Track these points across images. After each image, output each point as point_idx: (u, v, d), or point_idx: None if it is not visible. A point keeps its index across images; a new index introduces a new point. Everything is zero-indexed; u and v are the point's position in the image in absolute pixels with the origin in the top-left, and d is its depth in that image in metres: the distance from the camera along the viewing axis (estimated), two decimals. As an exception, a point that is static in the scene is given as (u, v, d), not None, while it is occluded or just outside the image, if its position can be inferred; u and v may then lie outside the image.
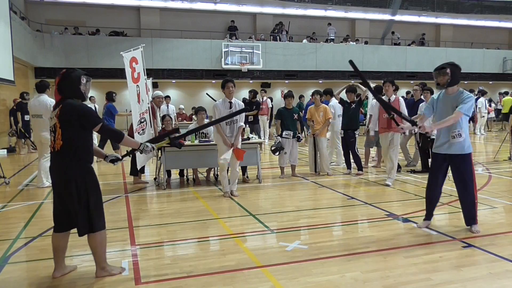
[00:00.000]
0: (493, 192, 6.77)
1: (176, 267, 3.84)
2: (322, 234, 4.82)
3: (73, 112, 3.42)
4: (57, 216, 3.60)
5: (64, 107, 3.44)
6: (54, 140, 3.47)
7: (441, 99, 4.66)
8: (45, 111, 7.37)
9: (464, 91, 4.55)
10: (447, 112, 4.52)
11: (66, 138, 3.41)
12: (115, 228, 5.10)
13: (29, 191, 7.49)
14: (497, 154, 10.77)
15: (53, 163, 3.55)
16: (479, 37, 29.07)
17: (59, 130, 3.41)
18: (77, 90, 3.54)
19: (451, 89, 4.56)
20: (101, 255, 3.62)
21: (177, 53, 21.49)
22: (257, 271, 3.72)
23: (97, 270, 3.64)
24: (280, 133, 8.24)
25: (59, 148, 3.43)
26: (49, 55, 19.85)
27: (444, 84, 4.55)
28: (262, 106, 14.69)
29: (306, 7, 23.72)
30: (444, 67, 4.53)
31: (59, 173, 3.49)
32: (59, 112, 3.44)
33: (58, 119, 3.43)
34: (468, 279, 3.48)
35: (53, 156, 3.52)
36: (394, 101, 7.54)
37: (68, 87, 3.51)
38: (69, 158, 3.44)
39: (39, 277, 3.71)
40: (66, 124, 3.41)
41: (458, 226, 4.95)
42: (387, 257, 4.00)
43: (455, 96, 4.53)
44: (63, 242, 3.65)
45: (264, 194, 7.12)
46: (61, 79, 3.52)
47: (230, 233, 4.82)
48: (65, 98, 3.50)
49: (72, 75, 3.53)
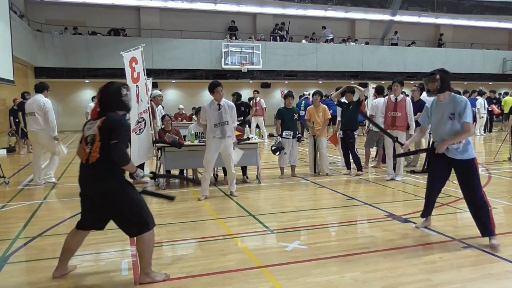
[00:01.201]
0: (493, 192, 6.77)
1: (175, 268, 3.83)
2: (322, 234, 4.82)
3: (112, 125, 3.37)
4: (84, 216, 3.60)
5: (107, 119, 3.39)
6: (90, 151, 3.37)
7: (434, 107, 4.59)
8: (37, 109, 7.67)
9: (456, 96, 4.47)
10: (443, 119, 4.45)
11: (104, 152, 3.33)
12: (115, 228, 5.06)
13: (29, 191, 7.48)
14: (497, 155, 10.77)
15: (85, 175, 3.45)
16: (479, 37, 29.09)
17: (98, 143, 3.34)
18: (119, 102, 3.53)
19: (443, 96, 4.48)
20: (148, 259, 3.50)
21: (177, 53, 21.50)
22: (257, 271, 3.72)
23: (141, 276, 3.51)
24: (280, 133, 8.24)
25: (95, 161, 3.34)
26: (49, 55, 19.87)
27: (434, 91, 4.47)
28: (256, 108, 14.62)
29: (306, 7, 23.73)
30: (434, 73, 4.47)
31: (93, 186, 3.41)
32: (101, 124, 3.37)
33: (99, 131, 3.35)
34: (468, 280, 3.48)
35: (86, 168, 3.43)
36: (401, 101, 7.69)
37: (110, 100, 3.49)
38: (105, 173, 3.37)
39: (38, 277, 3.70)
40: (107, 138, 3.33)
41: (457, 227, 4.96)
42: (387, 258, 4.00)
43: (448, 102, 4.46)
44: (77, 242, 3.64)
45: (264, 195, 7.12)
46: (102, 94, 3.50)
47: (229, 233, 4.82)
48: (107, 111, 3.46)
49: (111, 88, 3.52)
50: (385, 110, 7.88)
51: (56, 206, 6.42)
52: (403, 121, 7.68)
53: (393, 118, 7.71)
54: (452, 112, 4.39)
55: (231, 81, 22.50)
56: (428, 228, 4.88)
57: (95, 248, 4.44)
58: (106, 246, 4.48)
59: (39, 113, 7.65)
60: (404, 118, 7.70)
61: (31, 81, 19.45)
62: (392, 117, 7.72)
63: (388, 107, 7.80)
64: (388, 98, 7.96)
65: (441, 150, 4.44)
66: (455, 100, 4.42)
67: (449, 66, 25.72)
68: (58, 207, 6.33)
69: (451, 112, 4.40)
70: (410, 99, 8.01)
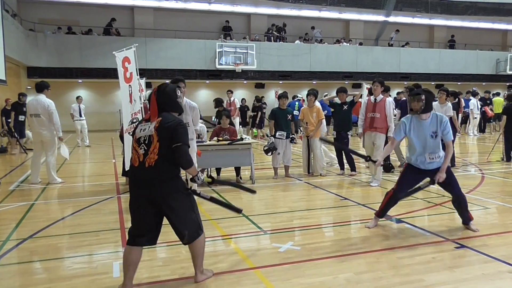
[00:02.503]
0: (485, 193, 6.80)
1: (167, 269, 3.81)
2: (315, 235, 4.81)
3: (171, 126, 3.26)
4: (136, 230, 3.36)
5: (164, 120, 3.30)
6: (145, 153, 3.24)
7: (415, 125, 4.71)
8: (42, 111, 7.80)
9: (437, 115, 4.69)
10: (424, 136, 4.64)
11: (162, 153, 3.22)
12: (107, 230, 5.06)
13: (21, 192, 7.41)
14: (490, 155, 10.82)
15: (140, 179, 3.28)
16: (473, 38, 29.26)
17: (156, 144, 3.23)
18: (175, 103, 3.49)
19: (425, 115, 4.65)
20: (202, 258, 3.55)
21: (171, 53, 21.41)
22: (250, 273, 3.70)
23: (198, 275, 3.53)
24: (274, 133, 8.22)
25: (153, 163, 3.21)
26: (42, 55, 19.70)
27: (418, 110, 4.62)
28: (231, 108, 14.66)
29: (300, 7, 23.72)
30: (419, 94, 4.59)
31: (151, 191, 3.25)
32: (158, 125, 3.27)
33: (156, 132, 3.25)
34: (461, 280, 3.48)
35: (141, 171, 3.26)
36: (380, 102, 7.49)
37: (166, 101, 3.43)
38: (164, 176, 3.25)
39: (29, 280, 3.66)
40: (165, 139, 3.23)
41: (451, 227, 4.96)
42: (380, 258, 3.99)
43: (431, 121, 4.65)
44: (136, 256, 3.36)
45: (257, 195, 7.05)
46: (158, 95, 3.41)
47: (223, 234, 4.80)
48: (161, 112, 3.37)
49: (168, 90, 3.46)
50: (364, 111, 7.69)
51: (47, 207, 6.35)
52: (382, 122, 7.43)
53: (371, 119, 7.49)
54: (434, 131, 4.63)
55: (225, 81, 22.48)
56: (422, 228, 4.88)
57: (87, 250, 4.41)
58: (98, 248, 4.44)
59: (44, 114, 7.80)
60: (383, 120, 7.45)
61: (24, 80, 19.31)
62: (371, 118, 7.50)
63: (367, 108, 7.59)
64: (368, 98, 7.81)
65: (442, 180, 4.65)
66: (437, 119, 4.65)
67: (442, 66, 25.97)
68: (49, 208, 6.26)
69: (433, 130, 4.63)
70: (390, 100, 7.75)
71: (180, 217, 3.34)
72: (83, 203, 6.43)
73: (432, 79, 26.07)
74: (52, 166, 8.01)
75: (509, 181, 8.00)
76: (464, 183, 7.70)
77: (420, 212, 5.69)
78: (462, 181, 7.84)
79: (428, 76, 25.85)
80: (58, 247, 4.50)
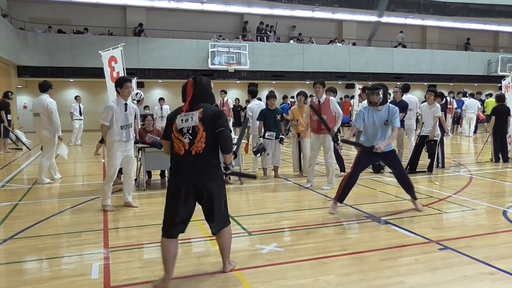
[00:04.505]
0: (473, 193, 6.79)
1: (148, 271, 3.75)
2: (300, 236, 4.77)
3: (215, 114, 3.43)
4: (174, 222, 3.43)
5: (206, 110, 3.44)
6: (191, 142, 3.37)
7: (371, 114, 5.54)
8: (42, 110, 7.80)
9: (390, 106, 5.56)
10: (380, 124, 5.50)
11: (209, 141, 3.38)
12: (90, 230, 5.00)
13: (5, 192, 7.33)
14: (479, 156, 10.85)
15: (186, 167, 3.39)
16: (465, 39, 29.39)
17: (202, 133, 3.37)
18: (211, 94, 3.64)
19: (382, 107, 5.51)
20: (229, 249, 3.72)
21: (164, 53, 21.31)
22: (230, 275, 3.66)
23: (226, 265, 3.71)
24: (263, 134, 8.18)
25: (201, 151, 3.36)
26: (32, 54, 19.53)
27: (376, 103, 5.45)
28: (224, 108, 14.70)
29: (293, 8, 23.69)
30: (378, 88, 5.40)
31: (196, 177, 3.38)
32: (201, 115, 3.40)
33: (201, 122, 3.38)
34: (442, 282, 3.45)
35: (190, 157, 3.36)
36: (324, 103, 7.24)
37: (204, 92, 3.56)
38: (210, 164, 3.41)
39: (6, 282, 3.60)
40: (211, 127, 3.39)
41: (436, 228, 4.94)
42: (362, 260, 3.96)
43: (384, 111, 5.51)
44: (175, 248, 3.47)
45: (246, 196, 7.06)
46: (196, 87, 3.50)
47: (206, 236, 4.75)
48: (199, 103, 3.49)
49: (204, 82, 3.58)
50: (309, 114, 7.41)
51: (31, 207, 6.26)
52: (330, 123, 6.97)
53: (318, 121, 7.04)
54: (387, 120, 5.49)
55: (218, 81, 22.40)
56: (408, 230, 4.86)
57: (67, 251, 4.35)
58: (79, 249, 4.38)
59: (44, 113, 7.81)
60: (331, 120, 7.11)
61: (14, 80, 19.16)
62: (317, 121, 7.10)
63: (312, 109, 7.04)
64: (310, 100, 7.55)
65: (380, 150, 5.39)
66: (389, 109, 5.50)
67: (435, 67, 26.04)
68: (33, 209, 6.17)
69: (386, 119, 5.49)
70: (333, 99, 7.40)
71: (217, 204, 3.48)
72: (68, 203, 6.37)
73: (425, 79, 26.15)
74: (44, 167, 7.94)
75: (496, 182, 8.00)
76: (452, 184, 7.72)
77: (407, 213, 5.65)
78: (450, 182, 7.89)
79: (420, 76, 25.92)
80: (38, 248, 4.43)
